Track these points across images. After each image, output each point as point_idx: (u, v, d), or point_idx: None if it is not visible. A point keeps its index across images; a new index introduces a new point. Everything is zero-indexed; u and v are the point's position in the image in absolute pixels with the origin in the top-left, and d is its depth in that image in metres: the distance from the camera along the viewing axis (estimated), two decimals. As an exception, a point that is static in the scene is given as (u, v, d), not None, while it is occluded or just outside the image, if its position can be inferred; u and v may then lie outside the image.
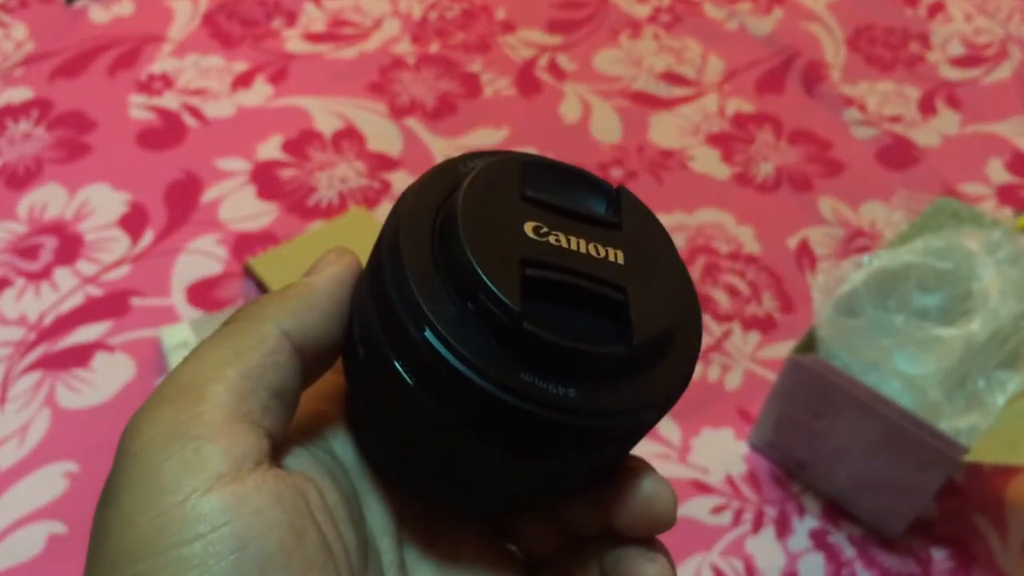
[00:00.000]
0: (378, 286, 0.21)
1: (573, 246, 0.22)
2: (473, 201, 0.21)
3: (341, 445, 0.24)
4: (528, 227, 0.21)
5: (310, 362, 0.23)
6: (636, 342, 0.21)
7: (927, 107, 0.90)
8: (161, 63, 0.86)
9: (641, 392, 0.21)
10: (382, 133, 0.82)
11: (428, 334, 0.20)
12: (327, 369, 0.24)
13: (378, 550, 0.24)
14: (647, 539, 0.23)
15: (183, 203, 0.75)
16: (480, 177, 0.22)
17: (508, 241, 0.21)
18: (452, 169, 0.23)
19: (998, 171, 0.84)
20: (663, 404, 0.22)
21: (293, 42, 0.90)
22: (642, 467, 0.23)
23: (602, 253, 0.22)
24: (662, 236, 0.24)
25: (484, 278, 0.20)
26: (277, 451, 0.22)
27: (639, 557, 0.23)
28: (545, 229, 0.22)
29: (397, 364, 0.20)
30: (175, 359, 0.61)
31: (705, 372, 0.67)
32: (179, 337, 0.63)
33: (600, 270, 0.21)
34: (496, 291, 0.20)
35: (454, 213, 0.21)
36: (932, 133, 0.87)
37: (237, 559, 0.18)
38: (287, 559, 0.19)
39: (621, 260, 0.22)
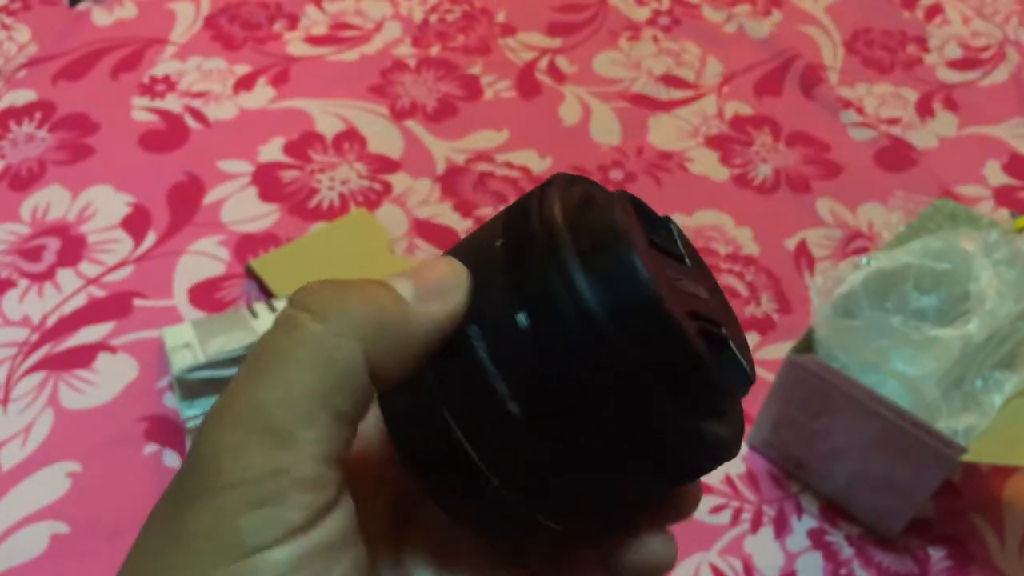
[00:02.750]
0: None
1: (693, 290, 0.22)
2: (643, 256, 0.20)
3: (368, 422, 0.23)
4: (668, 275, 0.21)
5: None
6: (751, 380, 0.22)
7: (925, 109, 0.90)
8: (163, 66, 0.87)
9: (729, 431, 0.22)
10: (383, 135, 0.82)
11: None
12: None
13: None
14: None
15: (185, 205, 0.75)
16: (624, 221, 0.21)
17: (670, 292, 0.20)
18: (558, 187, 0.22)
19: (995, 173, 0.84)
20: (735, 450, 0.23)
21: (295, 45, 0.90)
22: (654, 523, 0.24)
23: (704, 294, 0.22)
24: (702, 261, 0.24)
25: (692, 345, 0.20)
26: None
27: None
28: (676, 276, 0.22)
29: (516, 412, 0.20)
30: (177, 360, 0.61)
31: (704, 373, 0.67)
32: (181, 338, 0.63)
33: (713, 312, 0.22)
34: (697, 351, 0.20)
35: (636, 273, 0.20)
36: (930, 135, 0.88)
37: None
38: None
39: (706, 295, 0.23)
